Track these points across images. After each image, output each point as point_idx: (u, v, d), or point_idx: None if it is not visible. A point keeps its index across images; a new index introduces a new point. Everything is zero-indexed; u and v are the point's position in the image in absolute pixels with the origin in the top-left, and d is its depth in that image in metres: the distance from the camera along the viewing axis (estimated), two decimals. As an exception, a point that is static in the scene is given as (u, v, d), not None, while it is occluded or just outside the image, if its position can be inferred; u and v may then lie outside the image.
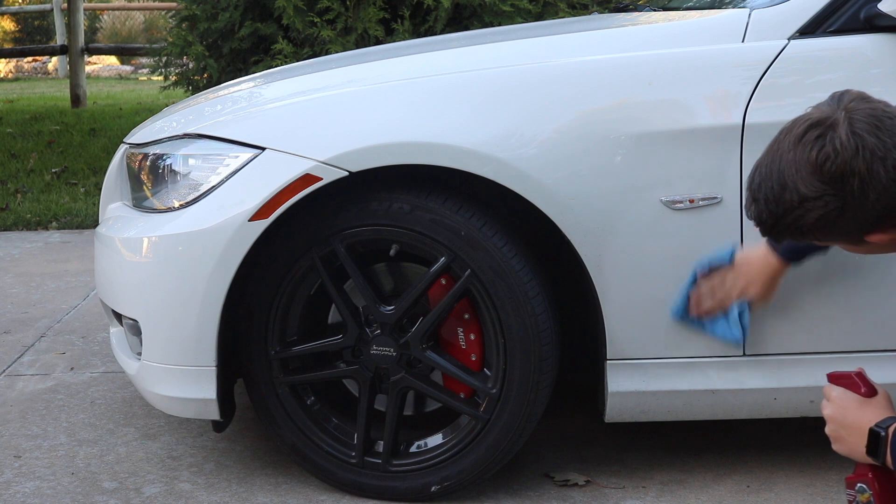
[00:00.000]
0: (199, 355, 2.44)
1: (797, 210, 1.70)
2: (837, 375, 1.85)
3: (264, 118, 2.53)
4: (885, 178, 1.64)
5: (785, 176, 1.70)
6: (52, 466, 2.75)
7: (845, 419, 1.78)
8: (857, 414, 1.76)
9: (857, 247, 1.81)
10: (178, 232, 2.43)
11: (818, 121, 1.70)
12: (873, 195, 1.65)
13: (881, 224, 1.70)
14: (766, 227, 1.79)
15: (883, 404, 1.77)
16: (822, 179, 1.67)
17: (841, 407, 1.79)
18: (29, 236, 5.59)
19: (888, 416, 1.74)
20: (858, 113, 1.69)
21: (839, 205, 1.67)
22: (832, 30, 2.36)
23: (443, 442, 2.52)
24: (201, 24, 5.74)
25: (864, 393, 1.78)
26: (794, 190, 1.69)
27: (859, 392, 1.79)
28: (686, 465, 2.68)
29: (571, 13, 5.59)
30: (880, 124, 1.67)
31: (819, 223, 1.70)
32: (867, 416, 1.75)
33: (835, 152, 1.65)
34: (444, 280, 2.45)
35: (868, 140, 1.65)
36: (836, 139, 1.66)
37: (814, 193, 1.67)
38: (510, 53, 2.66)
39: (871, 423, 1.73)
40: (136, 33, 17.85)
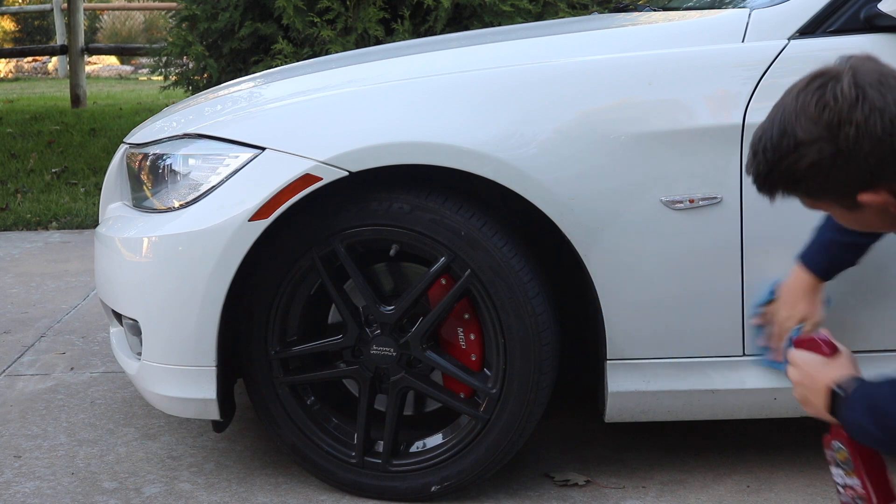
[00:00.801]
0: (199, 355, 2.44)
1: (792, 155, 1.70)
2: (801, 340, 1.85)
3: (264, 118, 2.53)
4: (881, 131, 1.64)
5: (784, 123, 1.71)
6: (52, 466, 2.75)
7: (810, 380, 1.79)
8: (820, 374, 1.77)
9: (850, 213, 1.78)
10: (178, 232, 2.43)
11: (823, 72, 1.72)
12: (867, 146, 1.65)
13: (873, 181, 1.69)
14: (762, 178, 1.78)
15: (845, 363, 1.79)
16: (819, 125, 1.67)
17: (805, 368, 1.81)
18: (29, 236, 5.59)
19: (849, 376, 1.76)
20: (864, 68, 1.70)
21: (833, 151, 1.66)
22: (832, 30, 2.36)
23: (443, 442, 2.52)
24: (201, 24, 5.74)
25: (826, 353, 1.79)
26: (792, 135, 1.69)
27: (822, 353, 1.79)
28: (686, 465, 2.68)
29: (571, 13, 5.59)
30: (884, 80, 1.68)
31: (812, 170, 1.69)
32: (829, 375, 1.76)
33: (834, 100, 1.66)
34: (444, 280, 2.45)
35: (869, 92, 1.66)
36: (837, 88, 1.67)
37: (809, 138, 1.67)
38: (510, 53, 2.66)
39: (832, 383, 1.75)
40: (136, 33, 17.85)
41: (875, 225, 1.80)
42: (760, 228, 2.33)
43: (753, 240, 2.34)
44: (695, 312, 2.38)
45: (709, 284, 2.37)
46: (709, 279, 2.36)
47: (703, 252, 2.35)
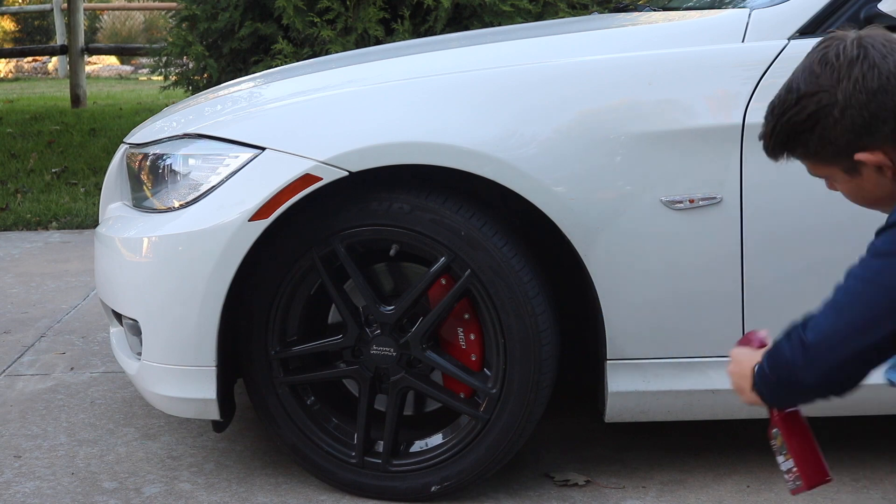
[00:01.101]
0: (199, 355, 2.44)
1: (794, 107, 1.78)
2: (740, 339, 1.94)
3: (264, 118, 2.53)
4: (877, 86, 1.72)
5: (791, 81, 1.80)
6: (52, 466, 2.75)
7: (740, 369, 1.87)
8: (747, 360, 1.86)
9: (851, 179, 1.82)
10: (178, 232, 2.43)
11: (831, 35, 1.80)
12: (863, 98, 1.72)
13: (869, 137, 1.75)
14: (768, 135, 1.83)
15: None
16: (820, 78, 1.75)
17: (737, 361, 1.89)
18: (29, 236, 5.59)
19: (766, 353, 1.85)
20: (871, 33, 1.78)
21: (831, 102, 1.74)
22: (832, 30, 2.36)
23: (443, 442, 2.52)
24: (201, 24, 5.74)
25: (756, 346, 1.88)
26: (795, 90, 1.78)
27: (752, 346, 1.89)
28: (686, 465, 2.68)
29: (571, 13, 5.59)
30: (888, 44, 1.75)
31: (811, 120, 1.76)
32: (753, 358, 1.84)
33: (836, 56, 1.75)
34: (444, 280, 2.45)
35: (871, 52, 1.74)
36: (840, 45, 1.76)
37: (810, 90, 1.76)
38: (510, 53, 2.66)
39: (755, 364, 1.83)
40: (136, 33, 17.85)
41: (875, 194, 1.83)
42: (760, 228, 2.33)
43: (753, 240, 2.34)
44: (695, 312, 2.39)
45: (709, 284, 2.37)
46: (709, 279, 2.36)
47: (703, 252, 2.35)
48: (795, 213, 2.33)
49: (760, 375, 1.82)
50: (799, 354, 1.76)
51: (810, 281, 2.37)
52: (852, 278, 1.77)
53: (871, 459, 2.67)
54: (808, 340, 1.75)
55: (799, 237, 2.34)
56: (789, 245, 2.36)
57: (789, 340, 1.78)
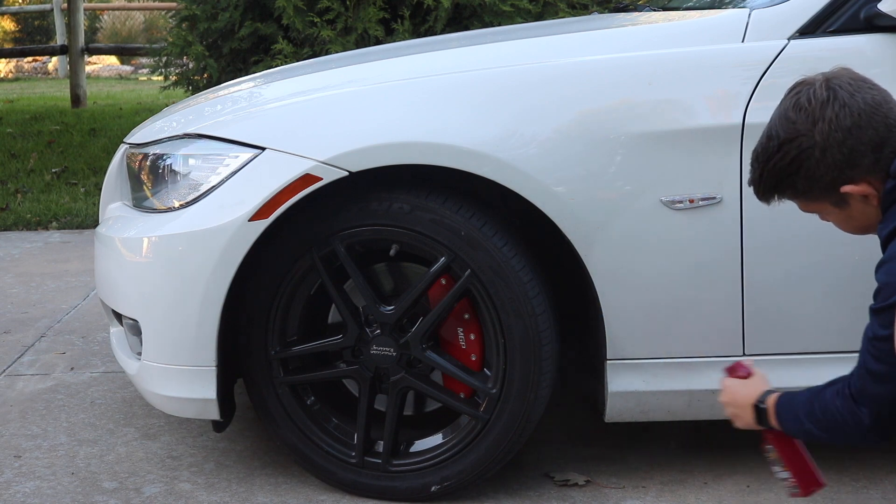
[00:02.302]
0: (199, 355, 2.44)
1: (777, 154, 1.90)
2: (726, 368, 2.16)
3: (264, 118, 2.53)
4: (850, 123, 1.84)
5: (770, 128, 1.92)
6: (52, 466, 2.75)
7: (735, 401, 2.09)
8: (742, 394, 2.08)
9: (841, 211, 1.95)
10: (178, 232, 2.43)
11: (801, 82, 1.93)
12: (840, 136, 1.84)
13: (852, 171, 1.87)
14: (756, 182, 1.97)
15: (759, 382, 2.09)
16: (797, 124, 1.87)
17: (730, 392, 2.10)
18: (29, 236, 5.59)
19: (764, 391, 2.06)
20: (839, 75, 1.91)
21: (811, 145, 1.86)
22: (832, 30, 2.36)
23: (443, 442, 2.52)
24: (201, 24, 5.74)
25: (743, 376, 2.11)
26: (776, 137, 1.90)
27: (740, 376, 2.11)
28: (686, 465, 2.68)
29: (571, 13, 5.59)
30: (853, 84, 1.88)
31: (795, 164, 1.88)
32: (749, 393, 2.07)
33: (808, 100, 1.87)
34: (444, 280, 2.45)
35: (840, 93, 1.86)
36: (811, 90, 1.88)
37: (790, 136, 1.87)
38: (510, 53, 2.66)
39: (753, 400, 2.05)
40: (136, 33, 17.84)
41: (863, 222, 1.96)
42: (760, 228, 2.33)
43: (753, 240, 2.34)
44: (695, 312, 2.38)
45: (709, 284, 2.37)
46: (709, 279, 2.36)
47: (703, 252, 2.35)
48: (795, 213, 2.33)
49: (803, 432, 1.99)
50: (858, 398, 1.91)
51: (810, 280, 2.37)
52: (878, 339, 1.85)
53: (871, 459, 2.67)
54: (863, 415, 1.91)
55: (798, 237, 2.34)
56: (789, 245, 2.36)
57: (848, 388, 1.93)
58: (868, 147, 1.85)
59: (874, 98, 1.86)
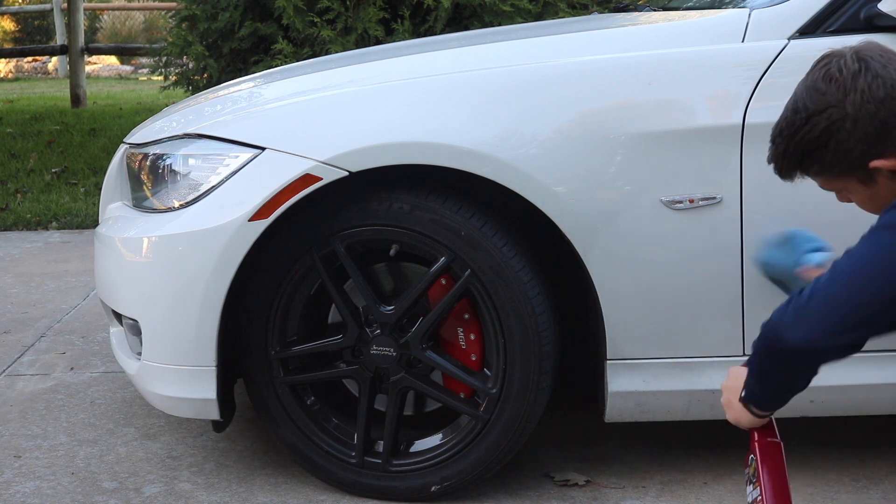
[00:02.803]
0: (199, 355, 2.44)
1: (805, 126, 1.81)
2: None
3: (264, 118, 2.53)
4: (884, 94, 1.77)
5: (796, 101, 1.84)
6: (52, 466, 2.75)
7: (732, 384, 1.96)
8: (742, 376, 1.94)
9: (866, 189, 1.86)
10: (178, 232, 2.43)
11: (828, 53, 1.85)
12: (872, 107, 1.77)
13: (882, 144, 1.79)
14: (779, 158, 1.87)
15: None
16: (827, 95, 1.79)
17: (732, 375, 1.97)
18: (29, 236, 5.59)
19: None
20: (868, 47, 1.83)
21: (842, 116, 1.78)
22: (832, 30, 2.36)
23: (443, 442, 2.52)
24: (201, 24, 5.74)
25: None
26: (803, 109, 1.81)
27: None
28: (686, 464, 2.68)
29: (571, 13, 5.59)
30: (885, 55, 1.81)
31: (824, 136, 1.80)
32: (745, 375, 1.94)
33: (839, 71, 1.79)
34: (444, 280, 2.45)
35: (871, 63, 1.79)
36: (841, 60, 1.80)
37: (819, 108, 1.79)
38: (510, 53, 2.66)
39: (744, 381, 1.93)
40: (136, 33, 17.85)
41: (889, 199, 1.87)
42: (760, 228, 2.33)
43: (753, 239, 2.34)
44: (695, 312, 2.38)
45: (709, 284, 2.37)
46: (709, 279, 2.36)
47: (703, 252, 2.35)
48: (795, 213, 2.33)
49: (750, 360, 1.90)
50: (789, 312, 1.81)
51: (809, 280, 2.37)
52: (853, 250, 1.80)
53: (871, 459, 2.67)
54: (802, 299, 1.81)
55: (799, 237, 2.34)
56: (789, 245, 2.36)
57: (784, 306, 1.84)
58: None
59: None
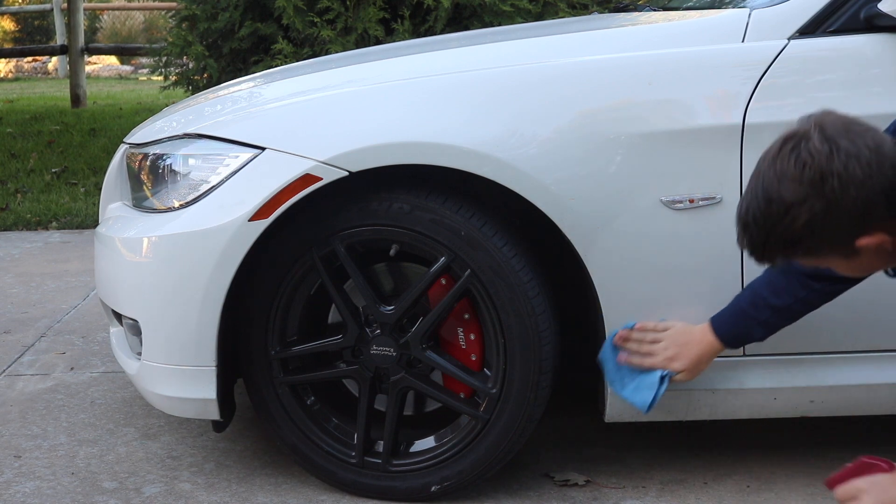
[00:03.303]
0: (199, 355, 2.44)
1: (785, 219, 1.75)
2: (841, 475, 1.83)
3: (264, 118, 2.53)
4: (862, 174, 1.71)
5: (769, 191, 1.76)
6: (52, 466, 2.75)
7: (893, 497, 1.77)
8: None
9: (849, 261, 1.83)
10: (178, 232, 2.43)
11: (791, 135, 1.78)
12: (853, 191, 1.71)
13: (866, 225, 1.75)
14: (759, 248, 1.83)
15: None
16: (803, 184, 1.73)
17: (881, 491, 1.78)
18: (29, 236, 5.59)
19: None
20: (828, 122, 1.76)
21: (824, 205, 1.72)
22: (832, 30, 2.36)
23: (443, 442, 2.52)
24: (201, 24, 5.74)
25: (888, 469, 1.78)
26: (780, 200, 1.75)
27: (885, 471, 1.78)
28: (686, 465, 2.68)
29: (571, 13, 5.59)
30: (849, 128, 1.74)
31: (807, 228, 1.75)
32: None
33: (811, 157, 1.72)
34: (444, 280, 2.45)
35: (840, 142, 1.72)
36: (810, 145, 1.73)
37: (798, 198, 1.73)
38: (510, 53, 2.66)
39: None
40: (136, 33, 17.85)
41: (874, 266, 1.86)
42: (760, 228, 2.33)
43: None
44: (695, 312, 2.38)
45: (709, 284, 2.37)
46: (709, 279, 2.36)
47: (703, 252, 2.35)
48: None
49: None
50: None
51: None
52: None
53: (871, 459, 2.67)
54: None
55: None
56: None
57: None
58: (881, 195, 1.72)
59: (874, 140, 1.74)
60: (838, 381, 2.42)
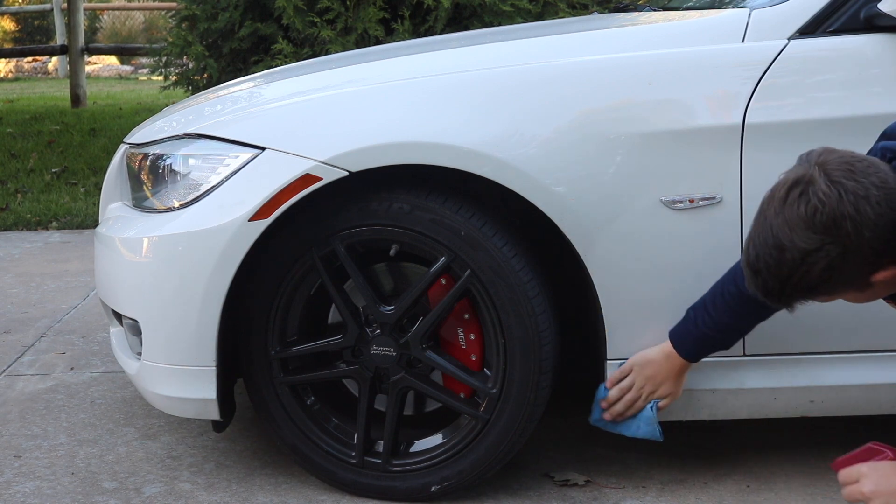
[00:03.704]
0: (199, 355, 2.44)
1: (802, 267, 1.76)
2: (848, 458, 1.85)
3: (264, 118, 2.53)
4: (873, 214, 1.72)
5: (781, 239, 1.77)
6: (52, 466, 2.75)
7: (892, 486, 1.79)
8: None
9: (863, 293, 1.85)
10: (178, 232, 2.43)
11: (796, 180, 1.78)
12: (867, 232, 1.73)
13: (882, 260, 1.77)
14: (775, 294, 1.84)
15: None
16: (816, 231, 1.74)
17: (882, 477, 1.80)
18: (29, 236, 5.59)
19: None
20: (830, 163, 1.77)
21: (840, 250, 1.73)
22: (832, 30, 2.36)
23: (443, 442, 2.52)
24: (201, 24, 5.75)
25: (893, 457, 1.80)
26: (794, 248, 1.75)
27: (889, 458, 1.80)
28: (686, 465, 2.68)
29: (571, 13, 5.60)
30: (853, 168, 1.75)
31: (825, 273, 1.76)
32: None
33: (821, 202, 1.73)
34: (444, 280, 2.45)
35: (847, 184, 1.73)
36: (818, 191, 1.74)
37: (814, 246, 1.74)
38: (510, 53, 2.66)
39: None
40: (136, 33, 17.85)
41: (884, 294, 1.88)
42: (760, 228, 2.33)
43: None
44: (695, 312, 2.38)
45: (709, 284, 2.36)
46: (709, 279, 2.36)
47: (703, 252, 2.35)
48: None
49: None
50: None
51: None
52: None
53: (871, 459, 2.67)
54: None
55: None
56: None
57: None
58: (893, 231, 1.73)
59: (879, 177, 1.74)
60: (838, 381, 2.42)
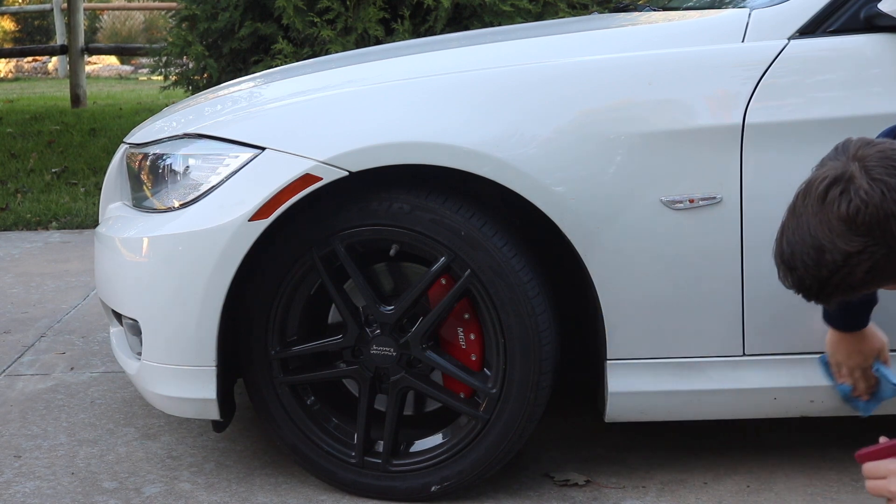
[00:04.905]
0: (199, 355, 2.44)
1: (844, 268, 1.73)
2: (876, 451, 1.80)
3: (264, 118, 2.53)
4: None
5: (820, 239, 1.73)
6: (52, 466, 2.75)
7: None
8: None
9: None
10: (178, 232, 2.43)
11: (835, 178, 1.73)
12: None
13: None
14: (813, 292, 1.81)
15: None
16: (859, 232, 1.70)
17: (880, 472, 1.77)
18: (29, 236, 5.59)
19: None
20: (870, 159, 1.72)
21: (885, 251, 1.70)
22: (832, 30, 2.36)
23: (443, 442, 2.52)
24: (201, 24, 5.75)
25: None
26: (835, 250, 1.72)
27: None
28: (686, 465, 2.68)
29: (571, 13, 5.60)
30: (891, 161, 1.71)
31: (869, 274, 1.73)
32: None
33: (863, 203, 1.69)
34: (444, 280, 2.45)
35: (889, 181, 1.69)
36: (859, 190, 1.69)
37: (857, 248, 1.71)
38: (510, 53, 2.66)
39: None
40: (136, 33, 17.85)
41: None
42: (760, 228, 2.33)
43: (753, 239, 2.34)
44: (695, 312, 2.38)
45: (709, 284, 2.37)
46: (709, 279, 2.36)
47: (703, 252, 2.35)
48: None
49: None
50: None
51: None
52: None
53: (871, 459, 2.66)
54: None
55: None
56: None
57: None
58: None
59: None
60: (838, 381, 2.42)
